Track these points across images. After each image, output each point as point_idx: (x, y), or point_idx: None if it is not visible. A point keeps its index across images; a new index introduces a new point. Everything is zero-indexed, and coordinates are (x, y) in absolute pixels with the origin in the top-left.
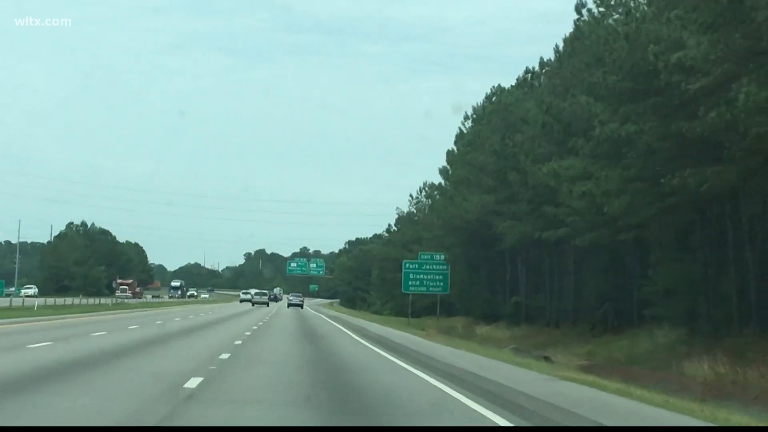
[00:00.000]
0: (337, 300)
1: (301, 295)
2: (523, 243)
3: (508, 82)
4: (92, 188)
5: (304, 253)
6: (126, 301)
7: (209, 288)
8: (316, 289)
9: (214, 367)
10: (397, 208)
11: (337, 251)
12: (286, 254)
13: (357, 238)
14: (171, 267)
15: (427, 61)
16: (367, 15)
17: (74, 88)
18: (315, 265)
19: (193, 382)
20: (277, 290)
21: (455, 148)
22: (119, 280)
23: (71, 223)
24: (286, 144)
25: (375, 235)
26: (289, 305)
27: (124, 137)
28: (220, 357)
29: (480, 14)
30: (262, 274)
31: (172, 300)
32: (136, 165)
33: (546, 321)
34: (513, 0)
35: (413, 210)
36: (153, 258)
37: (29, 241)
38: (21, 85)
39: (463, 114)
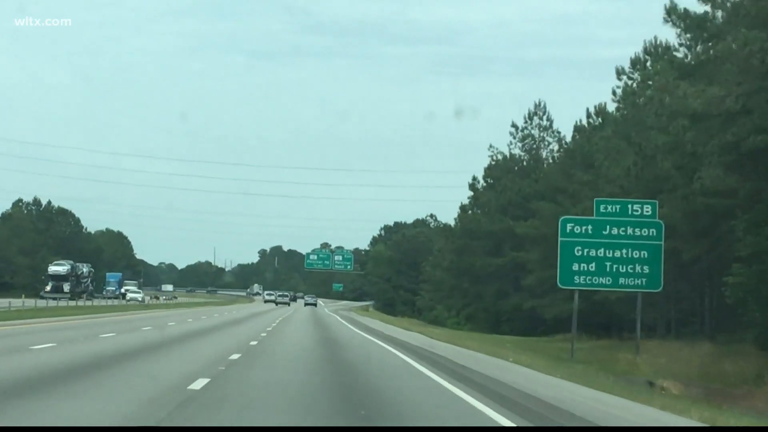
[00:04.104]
0: (370, 302)
1: (315, 296)
2: None
3: (524, 83)
4: (94, 186)
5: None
6: None
7: (208, 288)
8: (341, 289)
9: None
10: (491, 147)
11: (364, 248)
12: (305, 251)
13: (396, 223)
14: (180, 265)
15: (442, 63)
16: (385, 17)
17: (82, 88)
18: (341, 257)
19: None
20: (256, 287)
21: None
22: None
23: (20, 200)
24: (302, 142)
25: (418, 220)
26: (306, 304)
27: (135, 135)
28: None
29: (498, 17)
30: (277, 271)
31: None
32: (148, 162)
33: None
34: (531, 3)
35: (518, 152)
36: (162, 257)
37: None
38: (26, 86)
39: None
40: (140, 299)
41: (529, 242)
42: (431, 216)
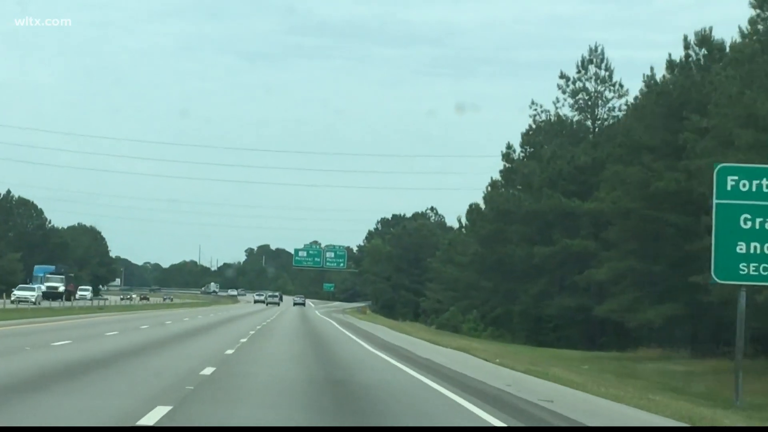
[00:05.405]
0: (365, 303)
1: (303, 296)
2: None
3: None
4: (79, 183)
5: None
6: None
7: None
8: (332, 289)
9: None
10: (533, 104)
11: (357, 246)
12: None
13: (394, 215)
14: (165, 265)
15: (435, 64)
16: (376, 18)
17: (79, 89)
18: (332, 254)
19: None
20: (212, 285)
21: None
22: None
23: None
24: (294, 141)
25: (417, 214)
26: (295, 304)
27: (127, 136)
28: None
29: (490, 18)
30: (264, 271)
31: None
32: (139, 163)
33: None
34: (523, 4)
35: (568, 111)
36: (147, 256)
37: None
38: (26, 86)
39: None
40: (33, 300)
41: (595, 224)
42: (431, 209)
